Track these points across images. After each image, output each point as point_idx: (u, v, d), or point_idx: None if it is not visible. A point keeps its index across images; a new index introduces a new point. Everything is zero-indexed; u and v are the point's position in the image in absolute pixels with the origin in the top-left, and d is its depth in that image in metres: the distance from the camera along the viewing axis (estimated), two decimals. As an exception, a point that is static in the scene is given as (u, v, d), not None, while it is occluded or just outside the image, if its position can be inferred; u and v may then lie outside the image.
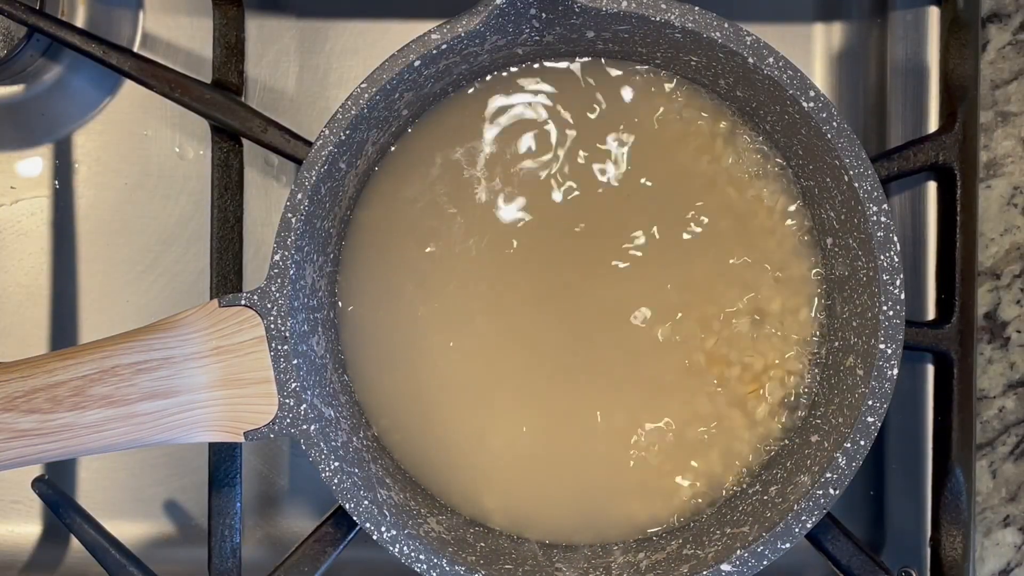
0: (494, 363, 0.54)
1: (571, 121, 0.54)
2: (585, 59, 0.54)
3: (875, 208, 0.48)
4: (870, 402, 0.48)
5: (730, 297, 0.53)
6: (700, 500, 0.54)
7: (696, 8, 0.48)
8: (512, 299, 0.54)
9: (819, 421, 0.52)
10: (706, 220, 0.54)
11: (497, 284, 0.54)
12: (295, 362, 0.48)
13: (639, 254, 0.54)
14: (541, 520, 0.54)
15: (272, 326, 0.48)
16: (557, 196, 0.54)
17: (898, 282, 0.48)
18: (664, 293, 0.53)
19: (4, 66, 0.59)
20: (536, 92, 0.54)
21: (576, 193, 0.54)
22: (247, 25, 0.58)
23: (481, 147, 0.54)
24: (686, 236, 0.54)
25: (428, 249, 0.54)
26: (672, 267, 0.54)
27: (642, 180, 0.54)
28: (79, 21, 0.61)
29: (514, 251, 0.54)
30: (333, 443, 0.49)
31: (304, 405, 0.48)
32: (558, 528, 0.54)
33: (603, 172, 0.54)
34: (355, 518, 0.48)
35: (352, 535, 0.54)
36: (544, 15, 0.49)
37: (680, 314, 0.53)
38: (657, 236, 0.54)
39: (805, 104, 0.48)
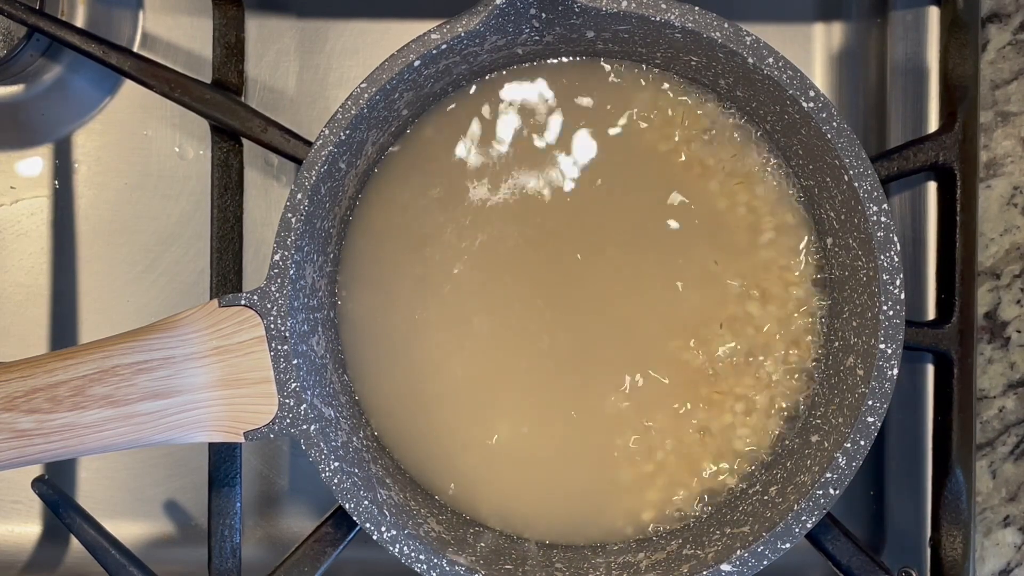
0: (493, 363, 0.54)
1: (570, 121, 0.54)
2: (585, 59, 0.54)
3: (875, 208, 0.48)
4: (870, 402, 0.48)
5: (729, 297, 0.53)
6: (700, 500, 0.54)
7: (696, 8, 0.48)
8: (511, 299, 0.54)
9: (819, 421, 0.52)
10: (705, 220, 0.54)
11: (496, 284, 0.54)
12: (295, 362, 0.48)
13: (636, 255, 0.53)
14: (540, 520, 0.54)
15: (272, 326, 0.48)
16: (556, 196, 0.54)
17: (898, 282, 0.48)
18: (662, 292, 0.53)
19: (4, 66, 0.59)
20: (535, 92, 0.54)
21: (574, 193, 0.54)
22: (247, 25, 0.58)
23: (480, 147, 0.54)
24: (684, 235, 0.54)
25: (427, 249, 0.54)
26: (670, 267, 0.54)
27: (641, 181, 0.54)
28: (79, 21, 0.61)
29: (513, 251, 0.54)
30: (333, 443, 0.49)
31: (304, 405, 0.48)
32: (557, 528, 0.54)
33: (602, 173, 0.54)
34: (355, 518, 0.48)
35: (352, 535, 0.54)
36: (544, 15, 0.49)
37: (679, 313, 0.53)
38: (656, 236, 0.54)
39: (805, 104, 0.48)
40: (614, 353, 0.54)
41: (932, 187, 0.59)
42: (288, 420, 0.48)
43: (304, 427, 0.48)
